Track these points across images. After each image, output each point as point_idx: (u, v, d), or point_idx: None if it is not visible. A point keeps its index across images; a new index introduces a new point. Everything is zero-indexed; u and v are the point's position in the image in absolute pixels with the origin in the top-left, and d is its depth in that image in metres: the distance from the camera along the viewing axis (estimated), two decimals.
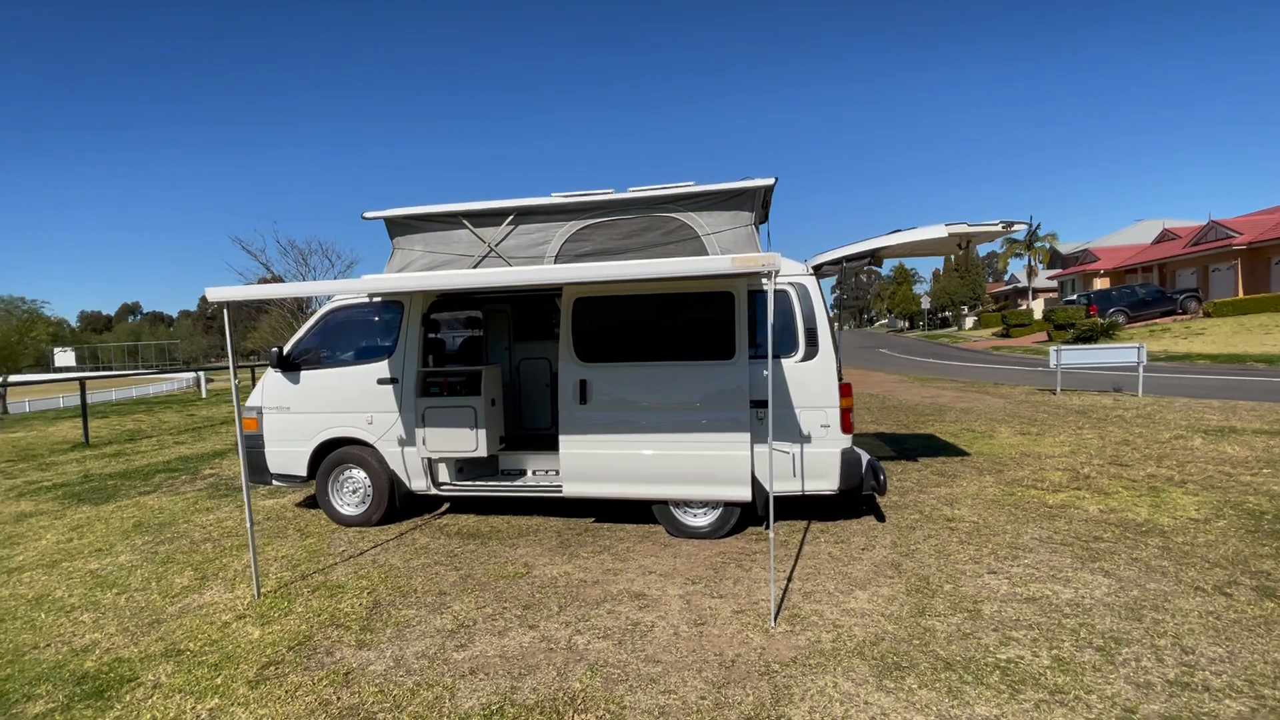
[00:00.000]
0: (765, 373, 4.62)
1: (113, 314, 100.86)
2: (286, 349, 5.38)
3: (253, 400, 5.48)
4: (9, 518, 6.02)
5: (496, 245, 5.26)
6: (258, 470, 5.47)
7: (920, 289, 68.48)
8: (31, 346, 21.54)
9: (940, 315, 64.30)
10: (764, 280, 4.70)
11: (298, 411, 5.35)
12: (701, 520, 4.84)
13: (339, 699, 2.83)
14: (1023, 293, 48.75)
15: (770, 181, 4.79)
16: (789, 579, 4.00)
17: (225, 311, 3.82)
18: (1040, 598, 3.61)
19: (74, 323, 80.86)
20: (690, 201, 4.95)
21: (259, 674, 3.04)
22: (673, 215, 4.99)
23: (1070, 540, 4.46)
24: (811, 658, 3.06)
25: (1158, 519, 4.82)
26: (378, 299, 5.35)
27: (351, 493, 5.37)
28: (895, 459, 7.23)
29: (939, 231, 4.40)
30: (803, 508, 5.32)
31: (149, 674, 3.07)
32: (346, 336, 5.40)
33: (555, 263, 5.10)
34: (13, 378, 19.27)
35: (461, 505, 5.84)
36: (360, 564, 4.47)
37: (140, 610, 3.82)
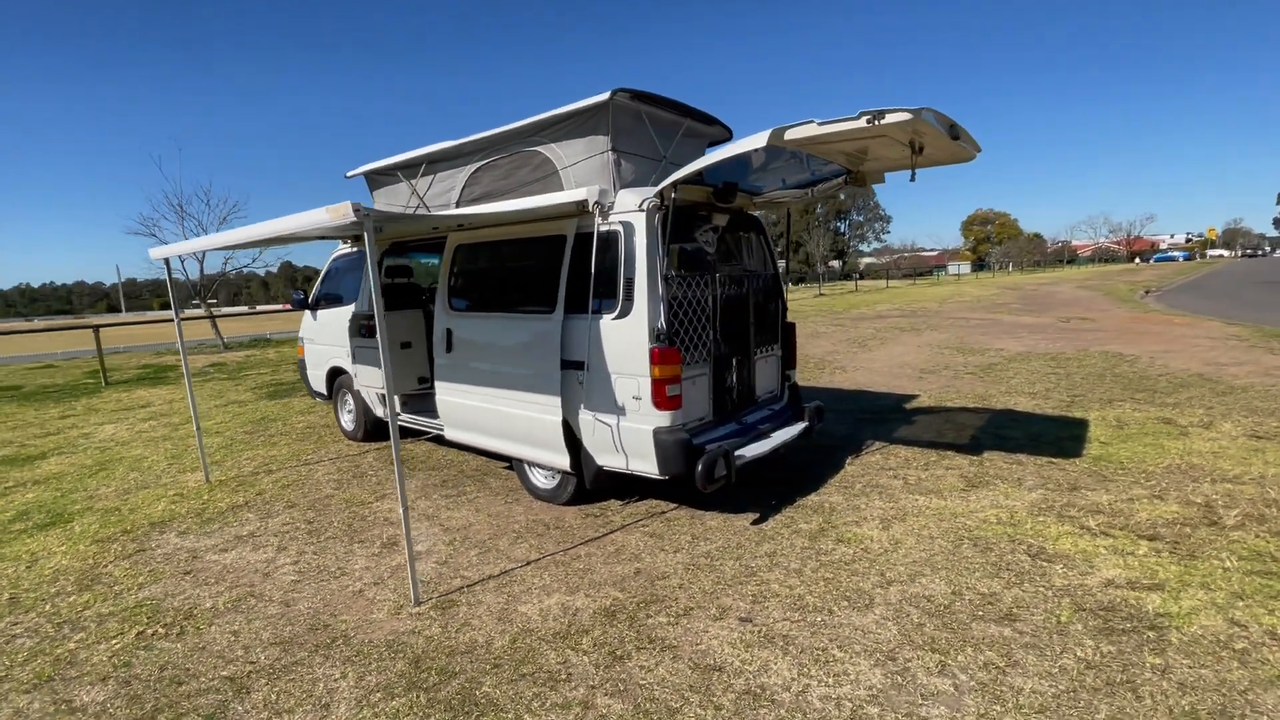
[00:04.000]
0: (594, 329, 3.99)
1: None
2: (312, 293, 6.62)
3: (300, 331, 6.93)
4: (223, 403, 8.92)
5: (424, 195, 5.48)
6: (310, 387, 6.98)
7: None
8: None
9: None
10: (599, 219, 4.06)
11: (318, 343, 6.60)
12: (543, 482, 4.53)
13: (100, 566, 3.76)
14: None
15: (604, 97, 3.91)
16: (527, 564, 3.59)
17: (168, 266, 4.97)
18: (726, 669, 2.56)
19: None
20: (548, 132, 4.38)
21: (109, 537, 4.19)
22: (537, 149, 4.50)
23: (960, 611, 2.91)
24: (375, 647, 2.83)
25: (1195, 617, 2.76)
26: (354, 249, 6.14)
27: (348, 413, 6.48)
28: (949, 448, 5.35)
29: (759, 140, 3.12)
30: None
31: (77, 521, 4.50)
32: (341, 281, 6.36)
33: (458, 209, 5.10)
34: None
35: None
36: (300, 472, 5.49)
37: (153, 478, 5.47)
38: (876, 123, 2.88)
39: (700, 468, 3.65)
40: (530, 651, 2.75)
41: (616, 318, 3.84)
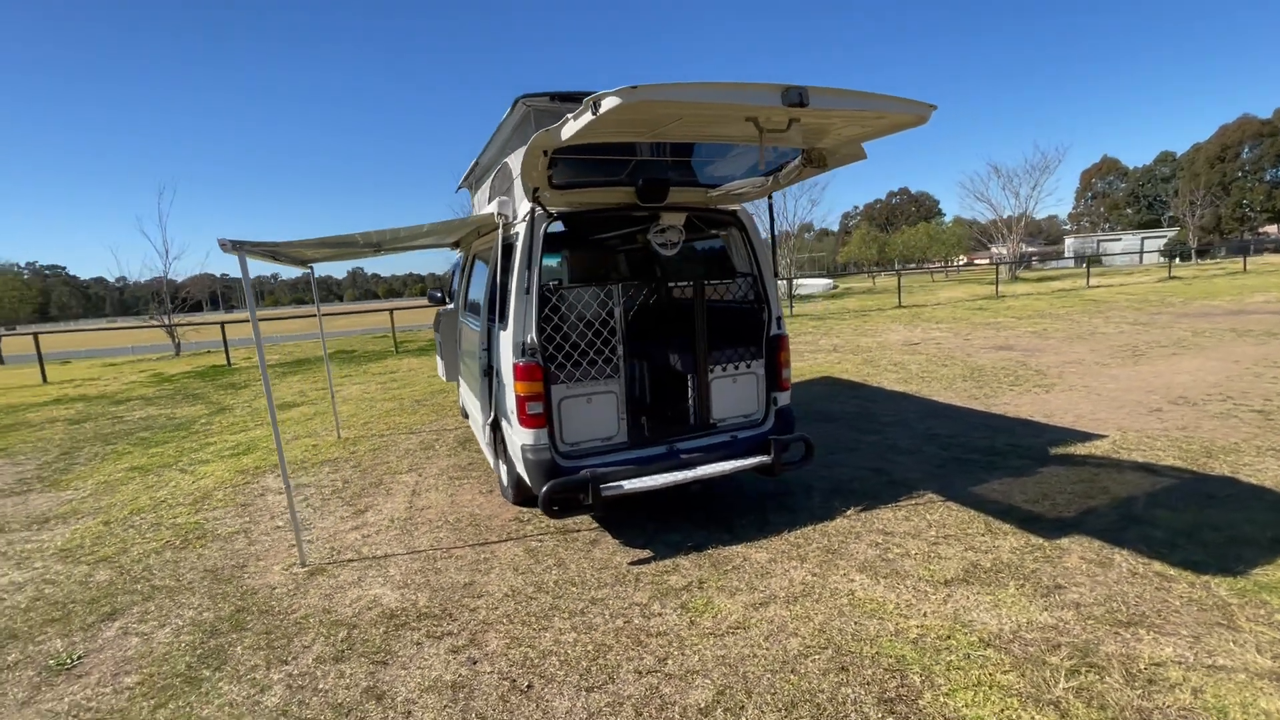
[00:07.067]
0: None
1: None
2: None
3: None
4: (431, 374, 11.14)
5: (475, 200, 6.11)
6: None
7: None
8: None
9: None
10: (506, 230, 4.15)
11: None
12: (505, 478, 4.73)
13: (217, 491, 5.34)
14: None
15: (518, 108, 3.85)
16: (411, 553, 3.92)
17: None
18: (384, 698, 2.52)
19: None
20: (510, 142, 4.49)
21: (246, 470, 5.88)
22: (506, 160, 4.65)
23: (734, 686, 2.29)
24: (237, 592, 3.53)
25: None
26: (459, 253, 7.11)
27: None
28: (1029, 520, 3.81)
29: (518, 155, 2.86)
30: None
31: (248, 456, 6.39)
32: (453, 282, 7.42)
33: None
34: None
35: None
36: (396, 439, 6.74)
37: (320, 428, 7.33)
38: (597, 111, 2.33)
39: (544, 492, 3.46)
40: (300, 629, 3.12)
41: (504, 329, 3.84)
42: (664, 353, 4.31)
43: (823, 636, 2.78)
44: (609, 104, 2.26)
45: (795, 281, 25.13)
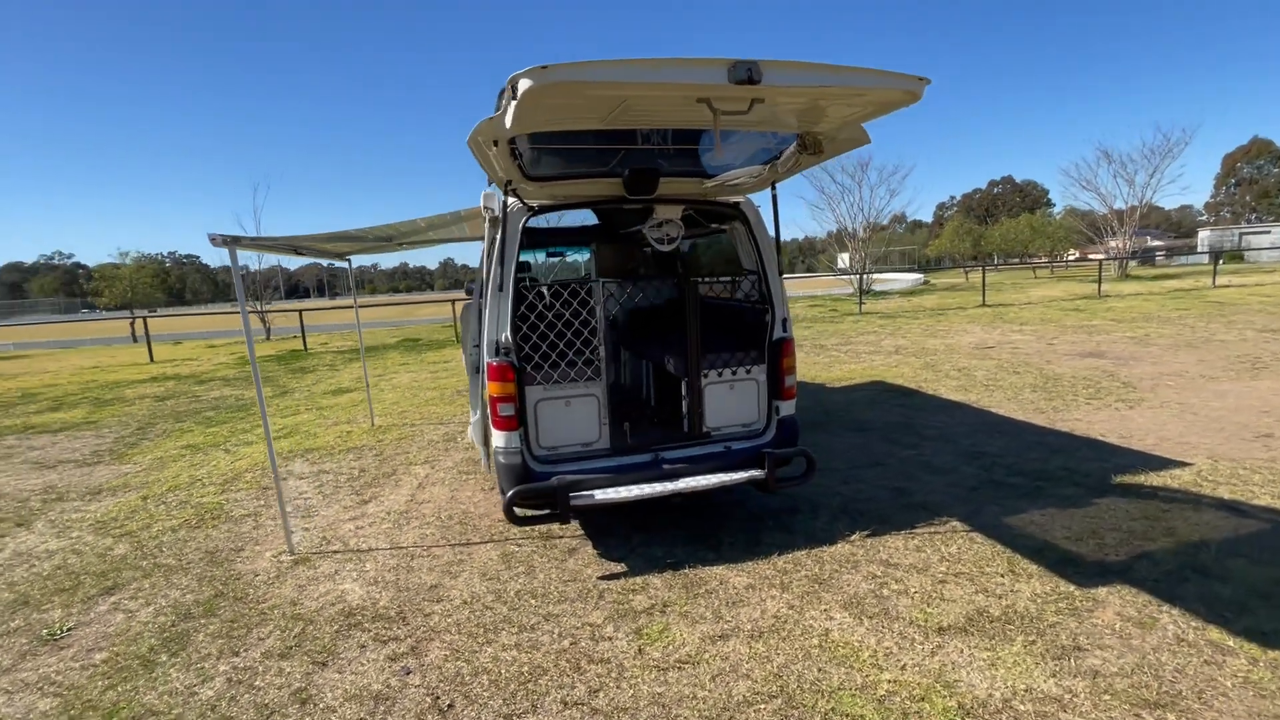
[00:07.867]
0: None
1: None
2: None
3: None
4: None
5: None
6: None
7: None
8: None
9: None
10: (497, 224, 4.04)
11: None
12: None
13: (247, 473, 5.61)
14: None
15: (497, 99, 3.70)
16: (394, 548, 3.90)
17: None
18: (312, 700, 2.47)
19: None
20: None
21: (277, 453, 6.15)
22: None
23: None
24: (223, 577, 3.63)
25: None
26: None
27: None
28: (1064, 563, 3.29)
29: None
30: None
31: (287, 440, 6.69)
32: None
33: None
34: None
35: None
36: (423, 430, 6.86)
37: (358, 415, 7.59)
38: (515, 95, 2.13)
39: (506, 498, 3.33)
40: (262, 620, 3.15)
41: (484, 326, 3.72)
42: (659, 355, 4.06)
43: (776, 683, 2.48)
44: (522, 87, 2.06)
45: (873, 276, 23.80)
